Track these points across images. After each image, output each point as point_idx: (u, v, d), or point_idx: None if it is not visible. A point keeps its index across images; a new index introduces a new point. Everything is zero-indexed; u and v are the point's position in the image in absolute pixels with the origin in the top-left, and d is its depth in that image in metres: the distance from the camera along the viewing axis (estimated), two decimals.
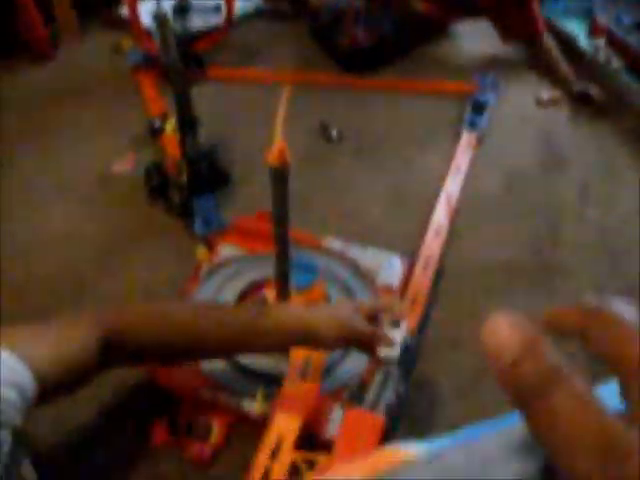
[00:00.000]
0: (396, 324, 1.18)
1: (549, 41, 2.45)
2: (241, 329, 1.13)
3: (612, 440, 0.26)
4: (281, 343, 1.18)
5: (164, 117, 2.02)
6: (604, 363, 0.31)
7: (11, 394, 0.82)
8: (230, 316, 1.15)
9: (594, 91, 2.31)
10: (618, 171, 2.05)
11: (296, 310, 1.17)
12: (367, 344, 1.17)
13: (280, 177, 1.18)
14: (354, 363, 1.35)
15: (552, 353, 0.28)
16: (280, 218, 1.26)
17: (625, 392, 0.29)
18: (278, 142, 1.13)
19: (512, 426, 0.33)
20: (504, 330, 0.29)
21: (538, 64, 2.49)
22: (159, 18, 1.57)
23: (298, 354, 1.28)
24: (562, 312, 0.33)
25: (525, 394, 0.28)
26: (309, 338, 1.14)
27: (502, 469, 0.31)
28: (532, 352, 0.28)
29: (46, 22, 2.46)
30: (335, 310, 1.20)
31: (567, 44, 2.55)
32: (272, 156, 1.14)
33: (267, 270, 1.45)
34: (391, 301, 1.24)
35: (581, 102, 2.31)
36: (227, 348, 1.19)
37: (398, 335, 1.16)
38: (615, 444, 0.26)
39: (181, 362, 1.28)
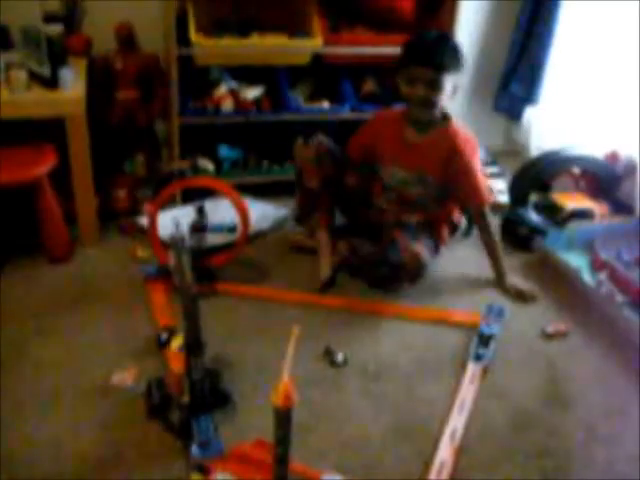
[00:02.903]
0: None
1: (489, 218, 2.55)
2: None
3: None
4: None
5: (171, 331, 2.03)
6: None
7: None
8: None
9: (527, 288, 2.55)
10: (624, 409, 2.02)
11: None
12: None
13: (284, 418, 1.17)
14: None
15: None
16: (281, 457, 1.23)
17: None
18: (284, 384, 1.13)
19: None
20: None
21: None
22: (176, 243, 1.64)
23: None
24: None
25: None
26: None
27: None
28: None
29: (67, 223, 2.57)
30: None
31: (569, 277, 2.62)
32: (277, 397, 1.13)
33: None
34: None
35: (516, 297, 2.52)
36: None
37: None
38: None
39: None
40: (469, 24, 3.26)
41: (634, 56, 2.95)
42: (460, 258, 2.73)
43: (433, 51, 2.34)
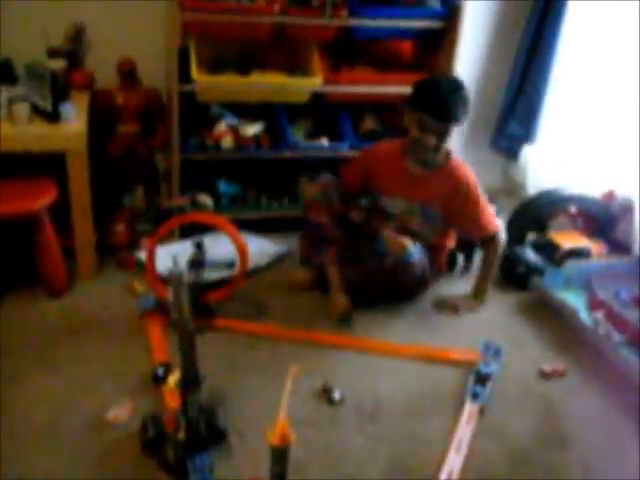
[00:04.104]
0: None
1: (501, 242, 2.67)
2: None
3: None
4: None
5: (168, 367, 2.02)
6: None
7: None
8: None
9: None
10: (622, 449, 2.01)
11: None
12: None
13: (280, 456, 1.16)
14: None
15: None
16: None
17: None
18: (281, 422, 1.12)
19: None
20: None
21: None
22: (175, 278, 1.63)
23: None
24: None
25: None
26: None
27: None
28: None
29: (65, 256, 2.57)
30: None
31: (567, 316, 2.61)
32: (274, 436, 1.13)
33: None
34: None
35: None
36: None
37: None
38: None
39: None
40: (467, 64, 3.30)
41: (632, 97, 2.99)
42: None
43: (449, 106, 2.36)
